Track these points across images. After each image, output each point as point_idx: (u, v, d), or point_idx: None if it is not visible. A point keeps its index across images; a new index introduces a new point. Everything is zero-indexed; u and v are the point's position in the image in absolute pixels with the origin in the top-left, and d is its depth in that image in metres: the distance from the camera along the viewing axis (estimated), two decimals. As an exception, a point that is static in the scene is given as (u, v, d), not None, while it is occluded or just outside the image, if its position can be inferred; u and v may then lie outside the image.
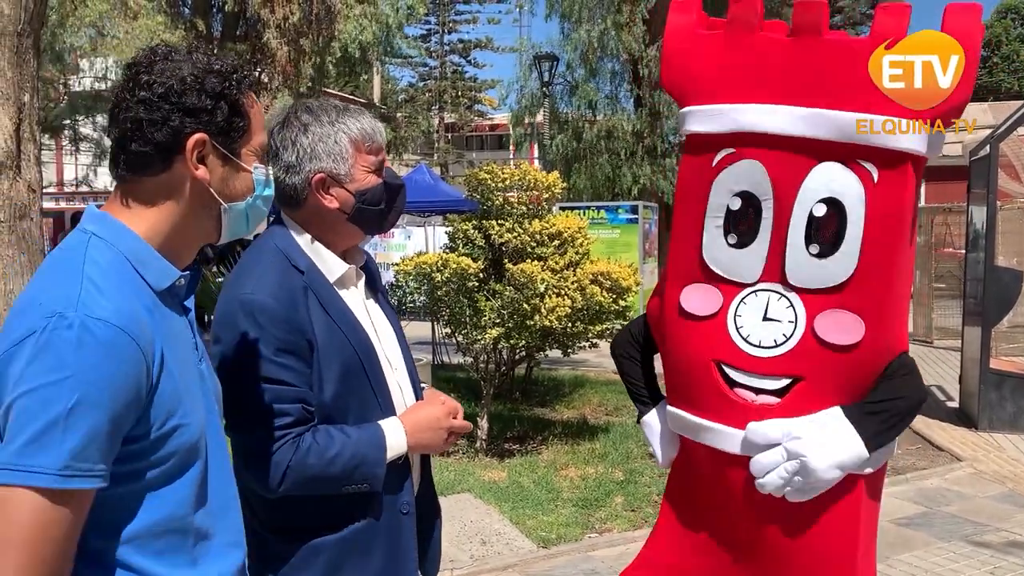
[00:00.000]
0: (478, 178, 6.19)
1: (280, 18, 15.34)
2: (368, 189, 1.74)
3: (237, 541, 1.38)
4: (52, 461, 1.09)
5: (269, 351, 1.59)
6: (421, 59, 38.05)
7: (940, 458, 6.35)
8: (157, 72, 1.25)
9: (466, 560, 4.41)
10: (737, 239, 1.88)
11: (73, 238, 1.26)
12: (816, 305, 1.80)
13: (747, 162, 1.85)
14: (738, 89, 1.85)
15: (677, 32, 1.95)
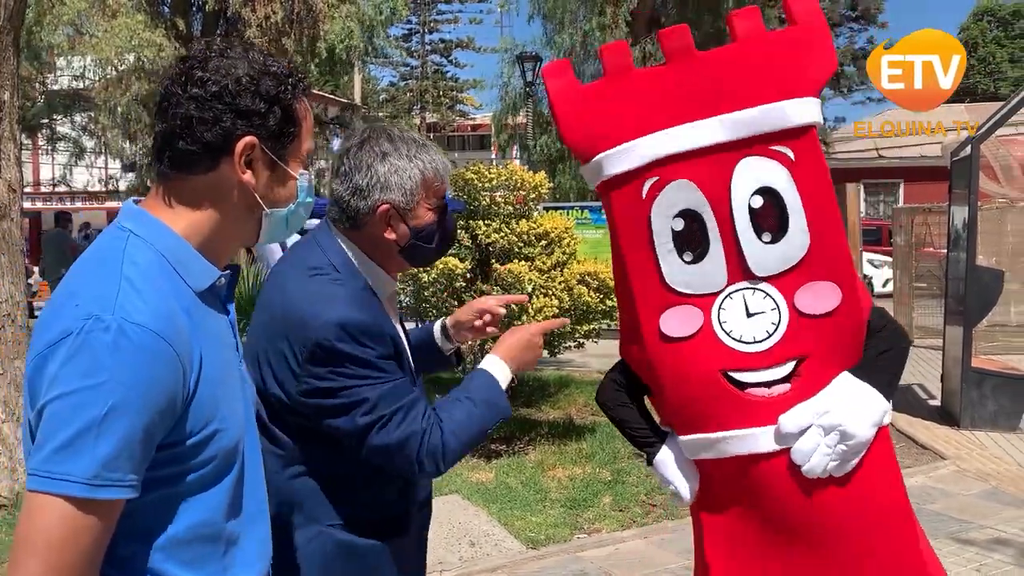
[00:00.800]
0: (464, 178, 6.18)
1: (261, 17, 15.24)
2: (425, 227, 1.78)
3: (263, 552, 1.35)
4: (82, 469, 1.07)
5: (377, 359, 1.64)
6: (402, 59, 38.01)
7: (924, 456, 6.41)
8: (212, 69, 1.21)
9: (455, 562, 4.39)
10: (692, 256, 1.95)
11: (111, 235, 1.23)
12: (790, 286, 1.89)
13: (674, 183, 1.93)
14: (638, 123, 1.94)
15: (560, 93, 2.03)
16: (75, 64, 17.03)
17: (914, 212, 13.24)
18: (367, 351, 1.62)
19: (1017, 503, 5.31)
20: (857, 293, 1.91)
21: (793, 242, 1.88)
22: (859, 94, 31.48)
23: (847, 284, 1.89)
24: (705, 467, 2.02)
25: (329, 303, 1.64)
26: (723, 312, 1.93)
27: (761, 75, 1.88)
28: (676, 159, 1.91)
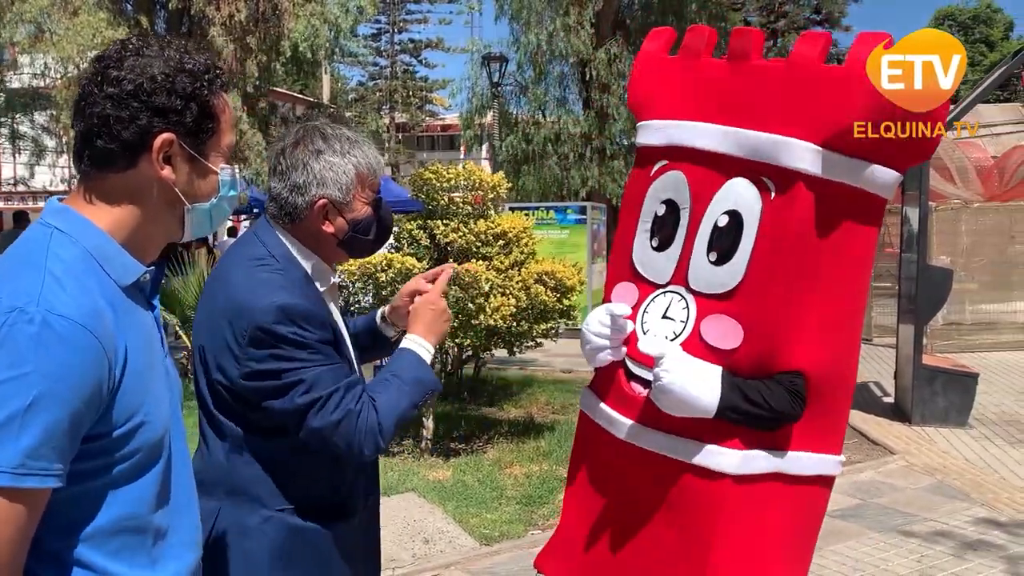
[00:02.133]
0: (423, 178, 6.22)
1: (225, 16, 15.11)
2: (362, 219, 1.85)
3: (194, 540, 1.37)
4: (7, 459, 1.08)
5: (316, 343, 1.69)
6: (371, 58, 37.87)
7: (875, 451, 6.55)
8: (127, 68, 1.23)
9: (408, 559, 4.43)
10: (659, 243, 2.03)
11: (35, 231, 1.24)
12: (706, 309, 1.92)
13: (674, 172, 2.01)
14: (676, 107, 2.02)
15: (644, 57, 2.16)
16: (36, 62, 16.77)
17: (873, 213, 13.44)
18: (306, 335, 1.67)
19: (961, 496, 5.45)
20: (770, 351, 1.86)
21: (728, 271, 1.89)
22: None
23: (756, 336, 1.85)
24: (583, 418, 2.18)
25: (269, 289, 1.70)
26: (652, 304, 2.01)
27: (782, 103, 1.85)
28: (686, 152, 1.98)
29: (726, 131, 1.91)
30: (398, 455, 6.29)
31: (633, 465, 2.02)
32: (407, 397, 1.77)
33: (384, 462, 5.99)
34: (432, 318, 1.89)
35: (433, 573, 4.31)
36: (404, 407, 1.77)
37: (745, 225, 1.86)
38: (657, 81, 2.11)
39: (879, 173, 1.87)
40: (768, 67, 1.90)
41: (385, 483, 5.46)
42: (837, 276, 1.90)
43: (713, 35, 2.04)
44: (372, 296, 6.40)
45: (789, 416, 1.90)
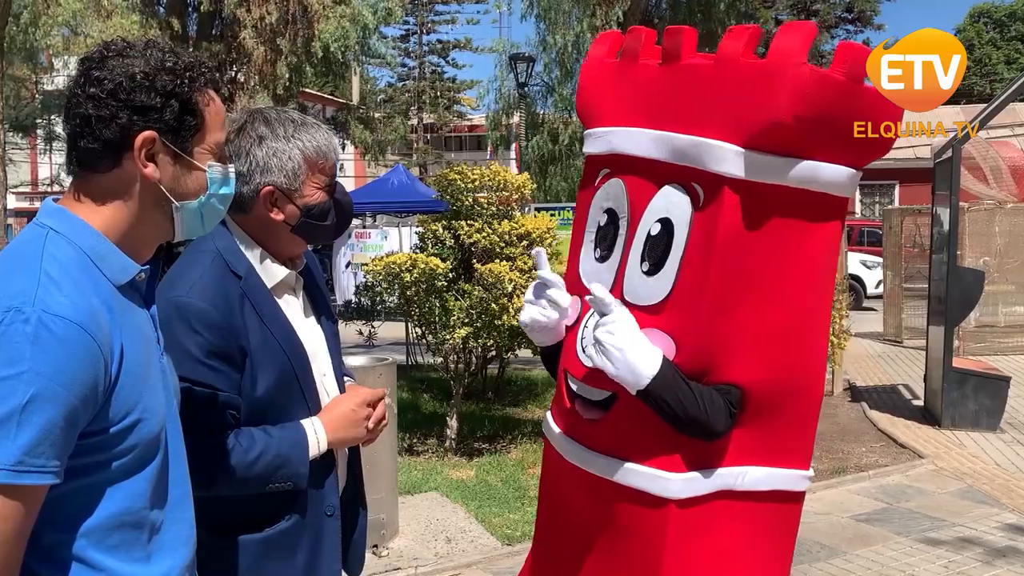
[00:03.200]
0: (448, 179, 6.24)
1: (256, 18, 15.26)
2: (315, 205, 1.76)
3: (189, 536, 1.38)
4: (5, 456, 1.09)
5: (201, 355, 1.61)
6: (400, 60, 38.02)
7: (903, 455, 6.46)
8: (108, 68, 1.24)
9: (430, 557, 4.45)
10: (600, 253, 1.96)
11: (30, 232, 1.25)
12: (639, 322, 1.79)
13: (614, 181, 1.94)
14: (616, 113, 1.95)
15: (588, 63, 2.09)
16: (71, 65, 17.06)
17: (904, 213, 13.30)
18: (196, 338, 1.60)
19: (990, 502, 5.37)
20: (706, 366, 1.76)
21: (659, 282, 1.79)
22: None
23: (690, 350, 1.75)
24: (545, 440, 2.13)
25: (178, 283, 1.65)
26: (591, 319, 1.89)
27: (709, 104, 1.75)
28: (625, 159, 1.91)
29: (656, 136, 1.82)
30: (422, 454, 6.32)
31: (582, 488, 1.94)
32: (261, 467, 1.63)
33: (408, 461, 6.02)
34: (345, 419, 1.77)
35: (455, 572, 4.33)
36: (253, 474, 1.63)
37: (675, 234, 1.77)
38: (599, 87, 2.04)
39: (825, 171, 1.76)
40: (697, 66, 1.80)
41: (409, 482, 5.49)
42: (780, 282, 1.79)
43: (651, 35, 1.95)
44: (397, 296, 6.44)
45: (713, 429, 1.76)
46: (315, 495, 1.76)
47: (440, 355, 6.52)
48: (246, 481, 1.64)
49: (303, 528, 1.74)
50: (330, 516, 1.80)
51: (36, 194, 28.09)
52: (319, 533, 1.77)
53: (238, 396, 1.66)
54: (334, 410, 1.78)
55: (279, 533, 1.72)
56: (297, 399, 1.74)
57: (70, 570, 1.21)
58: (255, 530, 1.70)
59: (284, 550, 1.72)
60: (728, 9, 16.47)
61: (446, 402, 6.89)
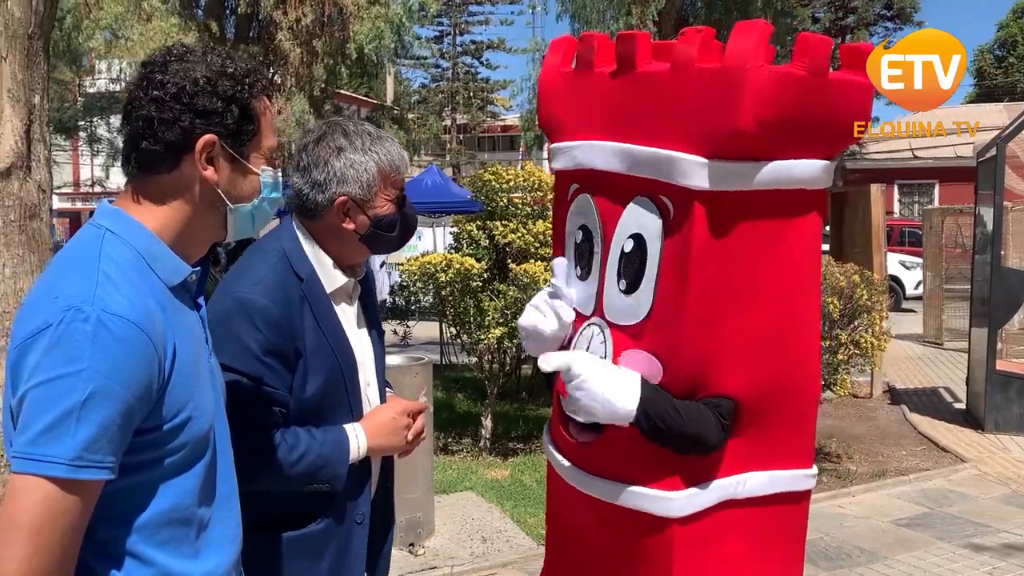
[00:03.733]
0: (482, 179, 6.25)
1: (292, 20, 15.42)
2: (384, 216, 1.81)
3: (235, 535, 1.40)
4: (64, 451, 1.12)
5: (259, 351, 1.64)
6: (434, 60, 38.14)
7: (944, 459, 6.35)
8: (171, 72, 1.27)
9: (466, 557, 4.46)
10: (581, 271, 1.91)
11: (87, 233, 1.28)
12: (621, 342, 1.78)
13: (583, 197, 1.89)
14: (577, 126, 1.89)
15: (546, 71, 2.00)
16: (112, 67, 17.35)
17: (945, 213, 13.06)
18: (256, 335, 1.63)
19: (1036, 507, 5.26)
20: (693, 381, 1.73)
21: (639, 300, 1.75)
22: (894, 93, 30.95)
23: (675, 366, 1.71)
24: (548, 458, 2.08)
25: (243, 280, 1.69)
26: (579, 338, 1.87)
27: (668, 114, 1.68)
28: (591, 175, 1.85)
29: (617, 148, 1.76)
30: (457, 454, 6.34)
31: (585, 510, 1.91)
32: (304, 466, 1.67)
33: (443, 460, 6.04)
34: (386, 428, 1.80)
35: (491, 571, 4.33)
36: (295, 472, 1.66)
37: (648, 250, 1.72)
38: (558, 99, 1.96)
39: (797, 168, 1.70)
40: (652, 74, 1.73)
41: (444, 481, 5.50)
42: (763, 287, 1.74)
43: (604, 41, 1.87)
44: (432, 296, 6.46)
45: (711, 442, 1.74)
46: (348, 501, 1.78)
47: (475, 355, 6.53)
48: (288, 478, 1.67)
49: (332, 533, 1.77)
50: (359, 524, 1.82)
51: (78, 195, 28.61)
52: (347, 539, 1.79)
53: (288, 395, 1.69)
54: (376, 418, 1.81)
55: (309, 535, 1.74)
56: (342, 404, 1.77)
57: (123, 565, 1.23)
58: (285, 530, 1.72)
59: (312, 552, 1.74)
60: (765, 6, 16.28)
61: (481, 402, 6.90)
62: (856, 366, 6.32)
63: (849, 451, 6.51)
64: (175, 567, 1.27)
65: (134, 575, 1.23)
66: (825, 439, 6.57)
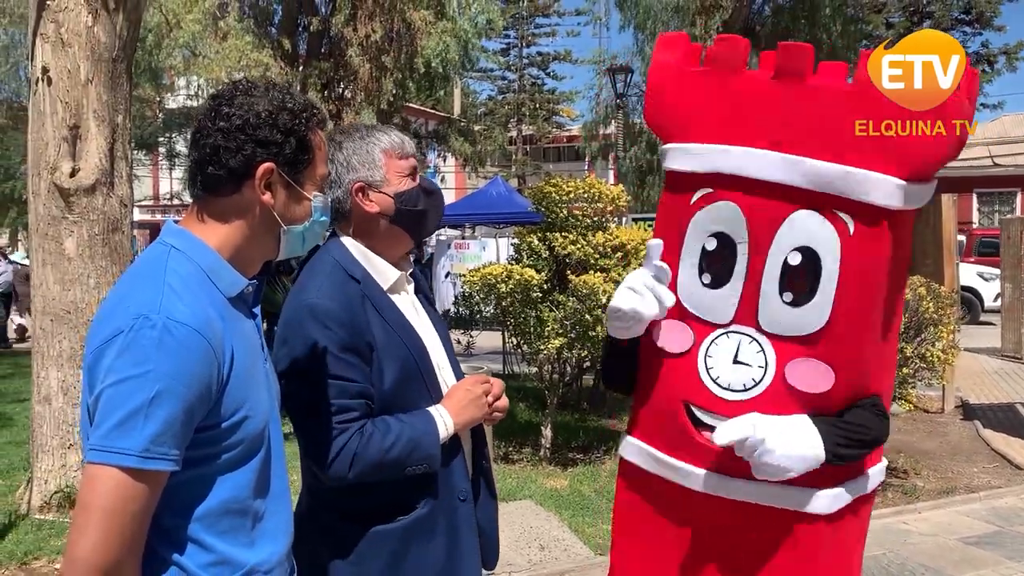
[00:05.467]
0: (543, 191, 6.32)
1: (362, 36, 15.77)
2: (405, 192, 1.90)
3: (287, 528, 1.53)
4: (135, 444, 1.25)
5: (335, 350, 1.74)
6: (500, 72, 38.49)
7: (1018, 477, 6.16)
8: (237, 105, 1.41)
9: (523, 564, 4.52)
10: (711, 279, 1.88)
11: (155, 250, 1.43)
12: (788, 352, 1.80)
13: (724, 203, 1.84)
14: (718, 129, 1.85)
15: (661, 68, 1.96)
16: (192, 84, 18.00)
17: (1023, 223, 12.63)
18: (329, 334, 1.73)
19: (1114, 528, 5.07)
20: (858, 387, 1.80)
21: (811, 313, 1.77)
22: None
23: (846, 376, 1.78)
24: (643, 477, 2.01)
25: (308, 290, 1.80)
26: (714, 347, 1.87)
27: (870, 137, 1.72)
28: (737, 181, 1.83)
29: (791, 160, 1.75)
30: (517, 463, 6.41)
31: (716, 514, 1.90)
32: (397, 451, 1.75)
33: (503, 469, 6.12)
34: (465, 399, 1.89)
35: (547, 579, 4.39)
36: (390, 458, 1.74)
37: (824, 264, 1.75)
38: (686, 98, 1.91)
39: (928, 189, 1.83)
40: (831, 89, 1.76)
41: (504, 489, 5.58)
42: (898, 298, 1.91)
43: (747, 47, 1.89)
44: (493, 306, 6.56)
45: (883, 439, 1.88)
46: (446, 480, 1.87)
47: (535, 365, 6.60)
48: (385, 465, 1.76)
49: (438, 513, 1.86)
50: (463, 501, 1.91)
51: (157, 207, 29.71)
52: (453, 518, 1.88)
53: (371, 387, 1.79)
54: (454, 395, 1.91)
55: (416, 519, 1.83)
56: (421, 390, 1.87)
57: (185, 550, 1.36)
58: (391, 520, 1.82)
59: (423, 535, 1.84)
60: (834, 14, 16.02)
61: (541, 412, 6.96)
62: (923, 380, 6.19)
63: (917, 467, 6.37)
64: (232, 554, 1.39)
65: (195, 560, 1.36)
66: (893, 454, 6.44)
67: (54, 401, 5.18)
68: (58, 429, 5.18)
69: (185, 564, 1.35)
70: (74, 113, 5.10)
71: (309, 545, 1.78)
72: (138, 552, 1.29)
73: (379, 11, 15.84)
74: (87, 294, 5.20)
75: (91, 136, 5.17)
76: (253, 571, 1.42)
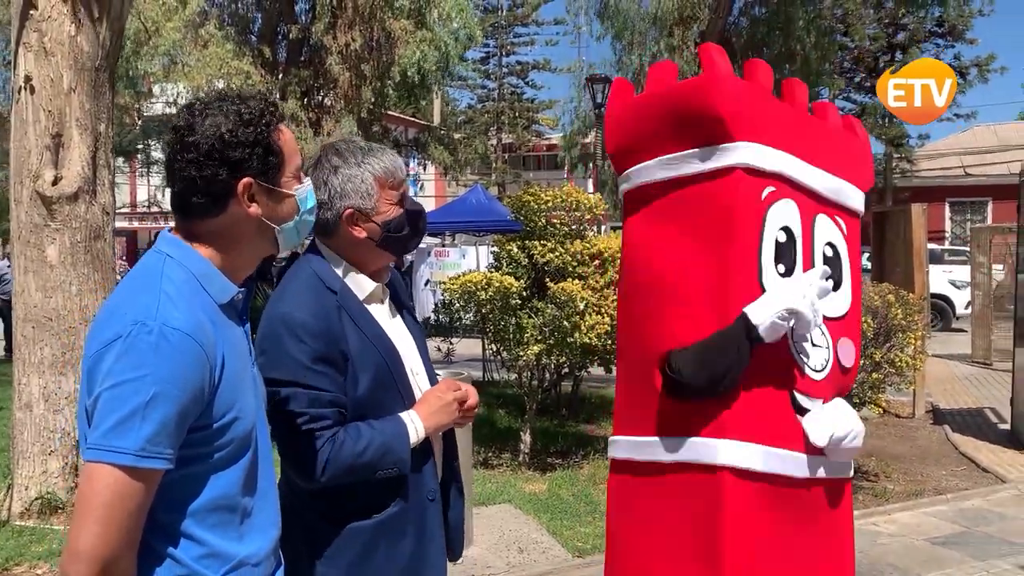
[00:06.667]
0: (522, 200, 6.42)
1: (342, 44, 15.82)
2: (392, 219, 1.97)
3: (274, 522, 1.60)
4: (131, 444, 1.31)
5: (307, 361, 1.81)
6: (480, 81, 38.63)
7: (985, 479, 6.32)
8: (199, 133, 1.46)
9: (502, 567, 4.60)
10: (784, 269, 2.10)
11: (151, 258, 1.50)
12: (835, 332, 2.19)
13: (788, 201, 2.13)
14: (781, 139, 2.16)
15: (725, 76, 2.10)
16: (169, 91, 17.94)
17: (993, 232, 12.90)
18: (302, 347, 1.80)
19: (1076, 528, 5.22)
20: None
21: (843, 296, 2.23)
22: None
23: (859, 347, 2.28)
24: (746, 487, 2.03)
25: (284, 301, 1.86)
26: (794, 332, 2.06)
27: (853, 159, 2.38)
28: (792, 184, 2.15)
29: (825, 175, 2.24)
30: (496, 467, 6.48)
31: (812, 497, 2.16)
32: (369, 456, 1.83)
33: (483, 474, 6.19)
34: (436, 405, 1.96)
35: (525, 581, 4.46)
36: (361, 463, 1.82)
37: (841, 255, 2.24)
38: (754, 107, 2.13)
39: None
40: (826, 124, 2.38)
41: (483, 494, 5.66)
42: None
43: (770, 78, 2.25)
44: (473, 314, 6.64)
45: None
46: (416, 482, 1.95)
47: (514, 371, 6.68)
48: (358, 469, 1.83)
49: (408, 513, 1.94)
50: (432, 501, 1.99)
51: (135, 214, 29.48)
52: (423, 517, 1.97)
53: (343, 395, 1.87)
54: (426, 401, 1.99)
55: (388, 517, 1.91)
56: (393, 395, 1.95)
57: (178, 543, 1.43)
58: (366, 517, 1.90)
59: (393, 533, 1.92)
60: (808, 25, 16.28)
61: (520, 417, 7.04)
62: (893, 384, 6.33)
63: (888, 470, 6.51)
64: (223, 547, 1.46)
65: (188, 552, 1.43)
66: (864, 458, 6.58)
67: (35, 408, 5.20)
68: (39, 436, 5.20)
69: (179, 556, 1.42)
70: (57, 121, 5.14)
71: (292, 542, 1.85)
72: (135, 546, 1.36)
73: (359, 20, 15.89)
74: (69, 301, 5.23)
75: (74, 144, 5.21)
76: (242, 563, 1.49)
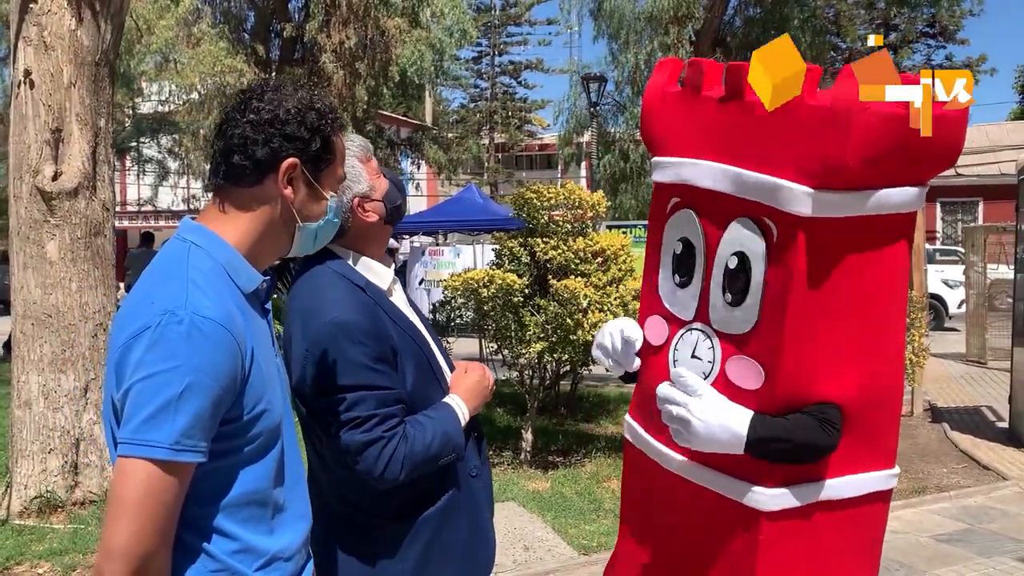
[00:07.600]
0: (524, 197, 6.39)
1: (336, 43, 15.77)
2: (387, 191, 2.01)
3: (304, 514, 1.57)
4: (165, 437, 1.27)
5: (369, 362, 1.80)
6: (473, 81, 38.63)
7: (986, 477, 6.33)
8: (267, 100, 1.45)
9: (509, 564, 4.57)
10: (680, 279, 2.07)
11: (174, 246, 1.45)
12: (729, 349, 1.94)
13: (686, 211, 2.04)
14: (683, 144, 2.04)
15: (652, 90, 2.16)
16: (162, 90, 17.86)
17: (987, 231, 12.95)
18: (360, 350, 1.79)
19: (1079, 525, 5.23)
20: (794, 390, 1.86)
21: (745, 313, 1.90)
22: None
23: (776, 376, 1.85)
24: (629, 446, 2.23)
25: (326, 308, 1.84)
26: (681, 342, 2.04)
27: (776, 144, 1.82)
28: (693, 191, 2.01)
29: (726, 171, 1.89)
30: (498, 466, 6.46)
31: (683, 495, 2.04)
32: (436, 446, 1.85)
33: (484, 472, 6.16)
34: (475, 388, 2.01)
35: (532, 579, 4.44)
36: (431, 454, 1.84)
37: (752, 267, 1.87)
38: (665, 116, 2.11)
39: (894, 195, 1.83)
40: (757, 104, 1.83)
41: (485, 492, 5.62)
42: (859, 303, 1.88)
43: (712, 67, 2.02)
44: (474, 311, 6.61)
45: (820, 446, 1.86)
46: (462, 463, 1.98)
47: (516, 369, 6.66)
48: (427, 462, 1.84)
49: (459, 497, 1.97)
50: (474, 477, 2.02)
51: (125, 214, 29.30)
52: (471, 495, 2.00)
53: (402, 391, 1.87)
54: (463, 383, 2.01)
55: (445, 502, 1.93)
56: (433, 385, 1.96)
57: (211, 538, 1.39)
58: (422, 510, 1.90)
59: (454, 515, 1.94)
60: (803, 25, 16.33)
61: (521, 416, 7.02)
62: (895, 382, 6.33)
63: (889, 468, 6.51)
64: (254, 542, 1.43)
65: (221, 547, 1.39)
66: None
67: (34, 406, 5.14)
68: (38, 434, 5.15)
69: (212, 552, 1.39)
70: (57, 116, 5.09)
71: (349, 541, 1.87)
72: (170, 541, 1.32)
73: (353, 18, 15.84)
74: (69, 298, 5.18)
75: (74, 140, 5.16)
76: (275, 558, 1.46)
